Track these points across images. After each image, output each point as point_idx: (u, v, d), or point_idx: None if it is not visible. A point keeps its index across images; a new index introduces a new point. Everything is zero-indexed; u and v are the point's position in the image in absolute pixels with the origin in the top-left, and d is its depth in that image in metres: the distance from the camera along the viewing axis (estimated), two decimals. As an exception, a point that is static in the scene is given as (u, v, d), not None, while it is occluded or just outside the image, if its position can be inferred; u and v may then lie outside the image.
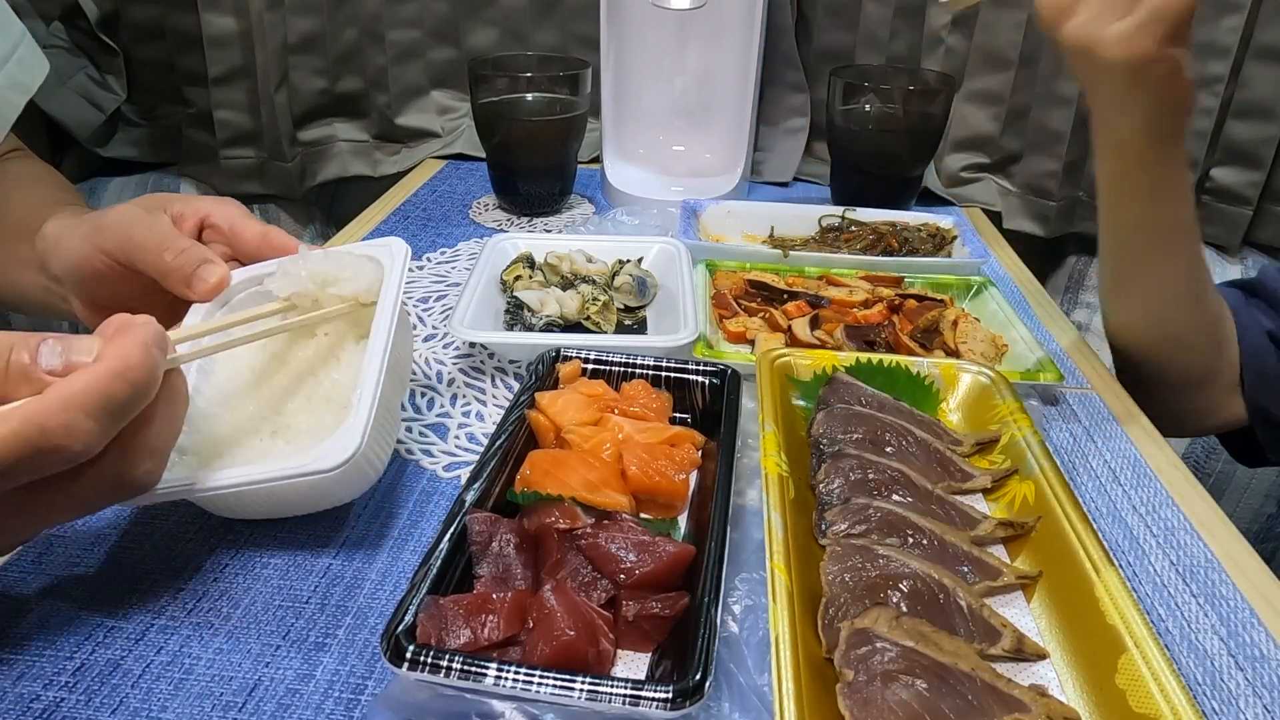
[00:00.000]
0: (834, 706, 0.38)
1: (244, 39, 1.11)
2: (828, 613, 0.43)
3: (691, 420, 0.60)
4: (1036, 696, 0.40)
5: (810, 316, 0.73)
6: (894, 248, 0.87)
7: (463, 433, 0.62)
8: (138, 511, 0.53)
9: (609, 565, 0.44)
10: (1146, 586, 0.51)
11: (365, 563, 0.50)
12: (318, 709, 0.41)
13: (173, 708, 0.41)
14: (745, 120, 1.03)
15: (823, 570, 0.46)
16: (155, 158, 1.24)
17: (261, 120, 1.15)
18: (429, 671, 0.36)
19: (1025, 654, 0.44)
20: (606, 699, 0.35)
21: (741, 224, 0.93)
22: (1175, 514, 0.57)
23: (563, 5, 1.17)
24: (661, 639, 0.43)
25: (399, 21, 1.18)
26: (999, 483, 0.55)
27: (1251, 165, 1.06)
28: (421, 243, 0.94)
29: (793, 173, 1.17)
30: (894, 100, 0.99)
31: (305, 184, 1.23)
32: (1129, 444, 0.64)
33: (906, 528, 0.49)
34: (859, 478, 0.52)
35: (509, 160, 0.99)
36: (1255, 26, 1.00)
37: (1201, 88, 1.03)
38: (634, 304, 0.77)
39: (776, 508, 0.47)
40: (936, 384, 0.63)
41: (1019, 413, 0.58)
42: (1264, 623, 0.48)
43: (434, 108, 1.24)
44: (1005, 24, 1.07)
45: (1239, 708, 0.43)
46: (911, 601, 0.44)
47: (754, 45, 0.99)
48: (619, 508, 0.48)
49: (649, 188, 1.04)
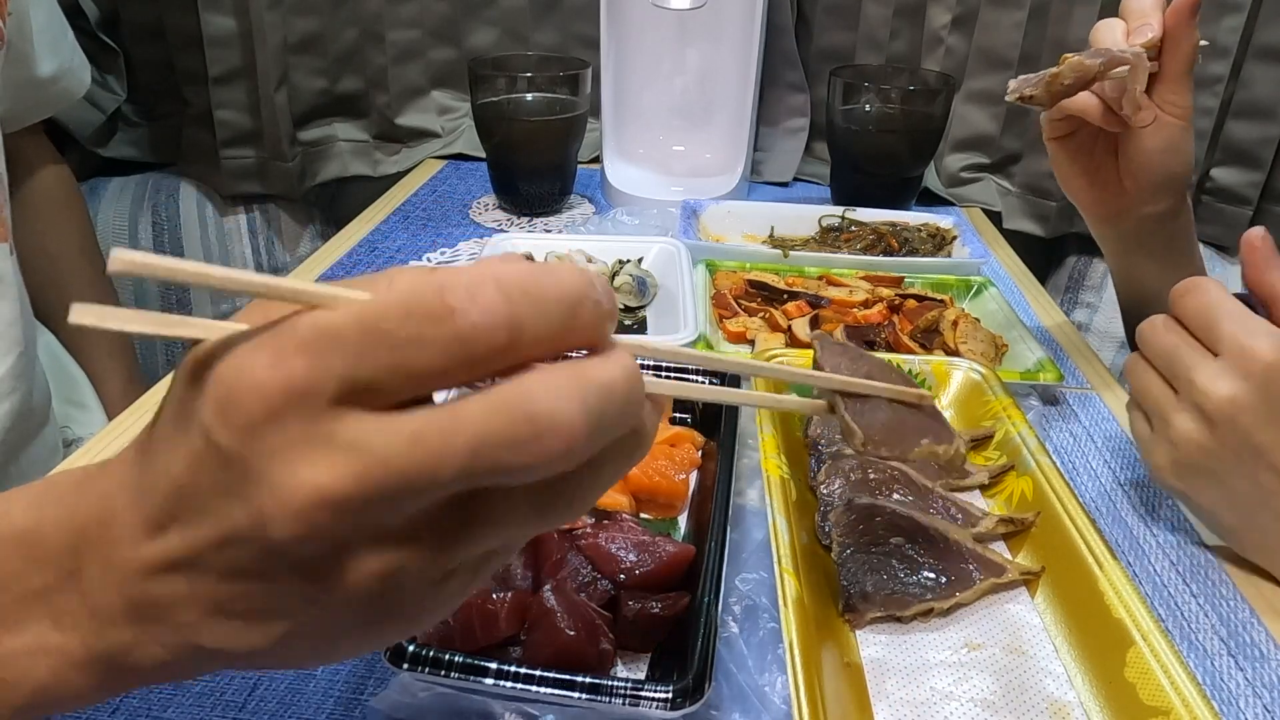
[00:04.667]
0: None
1: (244, 39, 1.11)
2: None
3: (691, 420, 0.60)
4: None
5: (810, 316, 0.73)
6: (894, 248, 0.87)
7: (463, 433, 0.62)
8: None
9: (609, 565, 0.44)
10: (1147, 586, 0.51)
11: (365, 563, 0.50)
12: (318, 709, 0.41)
13: (173, 708, 0.41)
14: (745, 120, 1.03)
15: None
16: (155, 158, 1.24)
17: (261, 120, 1.15)
18: (429, 671, 0.36)
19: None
20: (606, 699, 0.35)
21: (741, 224, 0.93)
22: (1175, 514, 0.56)
23: (563, 5, 1.17)
24: (661, 639, 0.43)
25: (399, 21, 1.18)
26: (996, 479, 0.55)
27: (1251, 165, 1.06)
28: (421, 243, 0.94)
29: (793, 173, 1.17)
30: (894, 100, 0.99)
31: (305, 184, 1.23)
32: (1129, 444, 0.64)
33: (910, 527, 0.49)
34: (859, 478, 0.52)
35: (509, 160, 0.99)
36: (1255, 26, 1.00)
37: (1202, 88, 1.03)
38: (634, 304, 0.77)
39: (781, 511, 0.47)
40: (929, 381, 0.63)
41: (1012, 408, 0.58)
42: (1264, 623, 0.48)
43: (434, 108, 1.24)
44: (1005, 24, 1.07)
45: (1239, 708, 0.43)
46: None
47: (754, 45, 0.99)
48: (619, 508, 0.48)
49: (649, 188, 1.04)
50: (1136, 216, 0.70)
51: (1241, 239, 0.49)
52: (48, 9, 0.84)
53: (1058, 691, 0.42)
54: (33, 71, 0.81)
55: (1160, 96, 0.64)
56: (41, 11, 0.82)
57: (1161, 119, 0.64)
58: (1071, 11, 1.06)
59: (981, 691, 0.42)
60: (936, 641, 0.45)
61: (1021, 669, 0.43)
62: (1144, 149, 0.66)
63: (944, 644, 0.45)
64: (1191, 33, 0.62)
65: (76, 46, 0.90)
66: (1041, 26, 1.07)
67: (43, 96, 0.85)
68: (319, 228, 1.31)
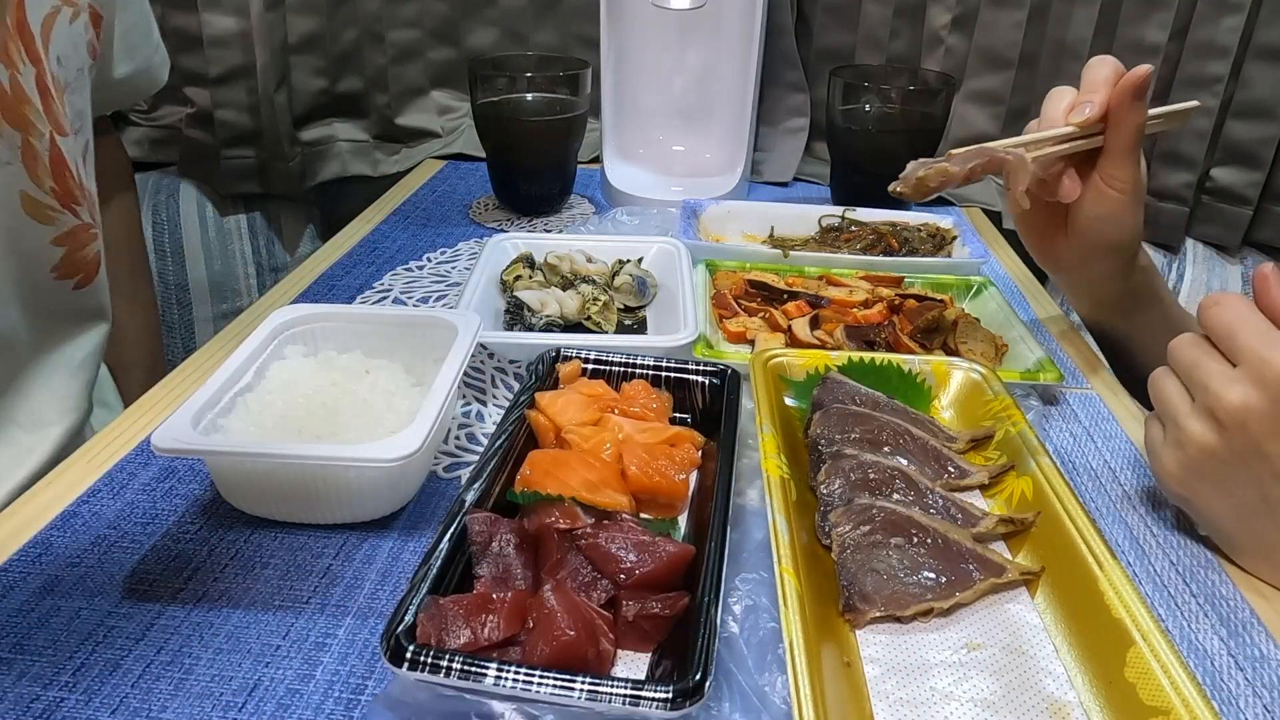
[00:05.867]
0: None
1: (244, 39, 1.11)
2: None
3: (691, 420, 0.60)
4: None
5: (810, 316, 0.73)
6: (894, 248, 0.87)
7: (463, 433, 0.62)
8: (138, 511, 0.53)
9: (609, 565, 0.44)
10: (1147, 586, 0.51)
11: (365, 563, 0.50)
12: (318, 709, 0.41)
13: (173, 708, 0.41)
14: (745, 120, 1.03)
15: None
16: (155, 158, 1.24)
17: (261, 120, 1.15)
18: (429, 672, 0.36)
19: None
20: (606, 699, 0.35)
21: (741, 224, 0.93)
22: (1175, 514, 0.56)
23: (563, 5, 1.17)
24: (661, 639, 0.43)
25: (399, 21, 1.18)
26: (996, 479, 0.55)
27: (1251, 165, 1.06)
28: (421, 243, 0.94)
29: (793, 173, 1.17)
30: (894, 100, 0.99)
31: (305, 184, 1.23)
32: (1129, 444, 0.64)
33: (910, 527, 0.49)
34: (859, 477, 0.52)
35: (509, 160, 0.99)
36: (1255, 26, 1.00)
37: (1202, 88, 1.03)
38: (634, 304, 0.77)
39: (781, 511, 0.47)
40: (929, 382, 0.63)
41: (1012, 408, 0.58)
42: (1264, 623, 0.48)
43: (434, 108, 1.24)
44: (1005, 24, 1.07)
45: (1239, 708, 0.43)
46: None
47: (754, 45, 0.99)
48: (619, 508, 0.48)
49: (649, 188, 1.04)
50: (1084, 273, 0.73)
51: (1254, 272, 0.50)
52: (138, 9, 0.85)
53: (1058, 691, 0.42)
54: (109, 75, 0.82)
55: (1104, 170, 0.66)
56: (130, 13, 0.83)
57: (1105, 191, 0.66)
58: (1071, 11, 1.06)
59: (981, 691, 0.42)
60: (936, 641, 0.45)
61: (1021, 669, 0.43)
62: (1086, 215, 0.68)
63: (944, 644, 0.45)
64: (1136, 112, 0.63)
65: (159, 45, 0.90)
66: (1041, 26, 1.07)
67: (111, 96, 0.85)
68: (319, 228, 1.31)
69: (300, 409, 0.54)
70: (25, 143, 0.65)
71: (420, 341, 0.61)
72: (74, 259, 0.71)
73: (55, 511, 0.53)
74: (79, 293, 0.73)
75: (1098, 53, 1.05)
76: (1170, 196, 1.09)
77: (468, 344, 0.57)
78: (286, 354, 0.59)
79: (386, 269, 0.87)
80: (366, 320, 0.62)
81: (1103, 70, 0.65)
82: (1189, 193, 1.08)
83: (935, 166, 0.62)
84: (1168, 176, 1.09)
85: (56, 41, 0.69)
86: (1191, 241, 1.13)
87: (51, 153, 0.67)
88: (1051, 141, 0.65)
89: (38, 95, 0.65)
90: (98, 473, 0.57)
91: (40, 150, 0.66)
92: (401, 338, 0.61)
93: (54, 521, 0.52)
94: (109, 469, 0.57)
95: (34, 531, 0.51)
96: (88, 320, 0.76)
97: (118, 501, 0.54)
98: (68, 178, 0.69)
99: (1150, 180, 1.10)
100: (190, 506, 0.54)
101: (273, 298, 0.81)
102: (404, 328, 0.62)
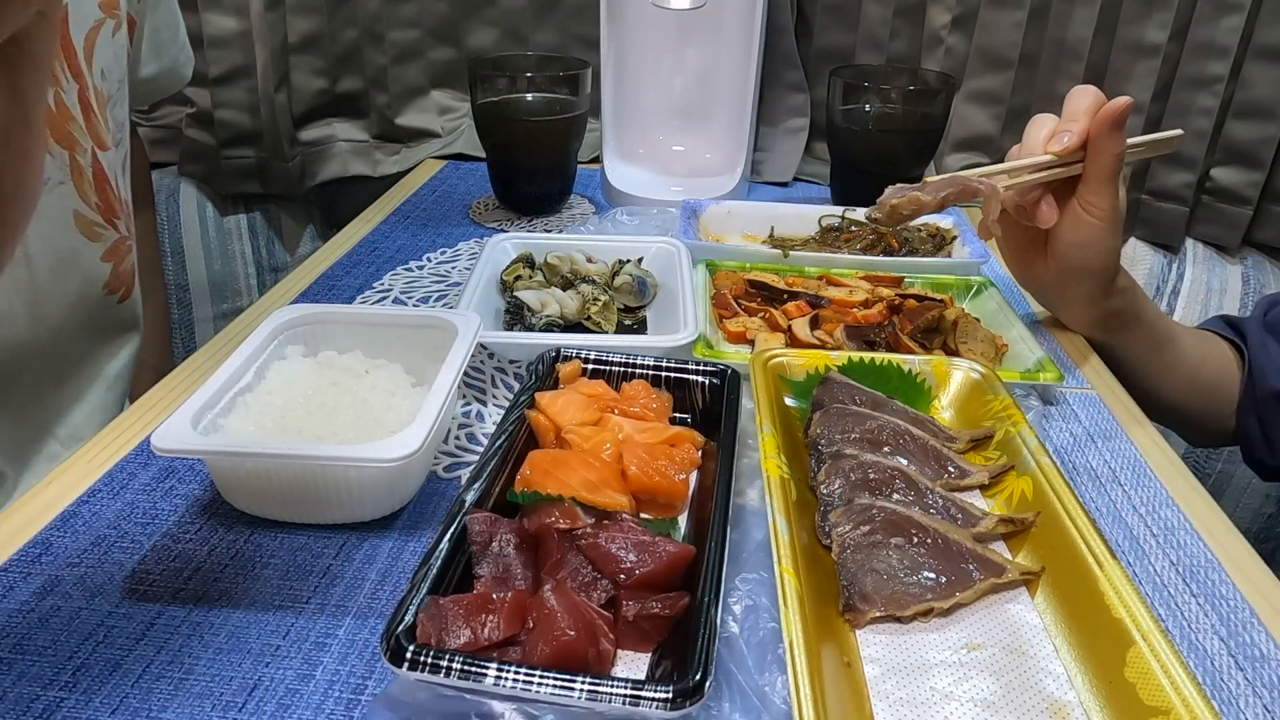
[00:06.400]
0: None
1: (244, 39, 1.11)
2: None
3: (691, 420, 0.60)
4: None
5: (810, 316, 0.73)
6: (894, 248, 0.87)
7: (463, 433, 0.62)
8: (137, 511, 0.53)
9: (609, 565, 0.44)
10: (1147, 586, 0.51)
11: (365, 563, 0.50)
12: (318, 709, 0.41)
13: (173, 708, 0.41)
14: (745, 120, 1.03)
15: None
16: (155, 157, 1.24)
17: (261, 120, 1.15)
18: (429, 672, 0.36)
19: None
20: (606, 699, 0.35)
21: (741, 224, 0.93)
22: (1175, 514, 0.56)
23: (563, 5, 1.17)
24: (661, 639, 0.43)
25: (399, 21, 1.18)
26: (996, 479, 0.55)
27: (1251, 165, 1.06)
28: (421, 243, 0.94)
29: (793, 173, 1.17)
30: (894, 100, 0.99)
31: (305, 184, 1.23)
32: (1129, 444, 0.64)
33: (910, 527, 0.49)
34: (859, 477, 0.52)
35: (509, 160, 0.99)
36: (1255, 26, 1.00)
37: (1202, 88, 1.03)
38: (634, 304, 0.77)
39: (781, 511, 0.47)
40: (929, 381, 0.63)
41: (1012, 408, 0.58)
42: (1264, 623, 0.48)
43: (434, 108, 1.24)
44: (1005, 24, 1.07)
45: (1239, 708, 0.43)
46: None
47: (754, 45, 0.99)
48: (619, 508, 0.48)
49: (649, 188, 1.04)
50: (1062, 294, 0.75)
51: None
52: (167, 9, 0.85)
53: (1058, 691, 0.42)
54: (134, 75, 0.82)
55: (1083, 197, 0.68)
56: (159, 13, 0.83)
57: (1083, 218, 0.68)
58: (1071, 11, 1.06)
59: (981, 691, 0.42)
60: (936, 641, 0.45)
61: (1021, 669, 0.43)
62: (1064, 241, 0.70)
63: (944, 644, 0.45)
64: (1114, 141, 0.65)
65: (185, 44, 0.90)
66: (1041, 26, 1.07)
67: (135, 94, 0.85)
68: (319, 228, 1.31)
69: (300, 409, 0.54)
70: (73, 160, 0.64)
71: (420, 341, 0.61)
72: (118, 273, 0.71)
73: (55, 511, 0.53)
74: (121, 306, 0.73)
75: (1098, 52, 1.06)
76: (1170, 196, 1.09)
77: (468, 344, 0.57)
78: (286, 354, 0.59)
79: (386, 269, 0.87)
80: (366, 320, 0.62)
81: (1084, 100, 0.67)
82: (1189, 193, 1.08)
83: (909, 194, 0.64)
84: (1168, 176, 1.09)
85: (100, 55, 0.68)
86: (1191, 241, 1.13)
87: (94, 168, 0.67)
88: (1030, 169, 0.67)
89: (80, 111, 0.65)
90: (98, 473, 0.57)
91: (84, 166, 0.66)
92: (401, 338, 0.61)
93: (54, 521, 0.52)
94: (109, 469, 0.57)
95: (34, 531, 0.51)
96: (125, 332, 0.75)
97: (118, 501, 0.54)
98: (109, 192, 0.69)
99: (1150, 180, 1.10)
100: (190, 506, 0.54)
101: (273, 298, 0.81)
102: (404, 328, 0.62)
